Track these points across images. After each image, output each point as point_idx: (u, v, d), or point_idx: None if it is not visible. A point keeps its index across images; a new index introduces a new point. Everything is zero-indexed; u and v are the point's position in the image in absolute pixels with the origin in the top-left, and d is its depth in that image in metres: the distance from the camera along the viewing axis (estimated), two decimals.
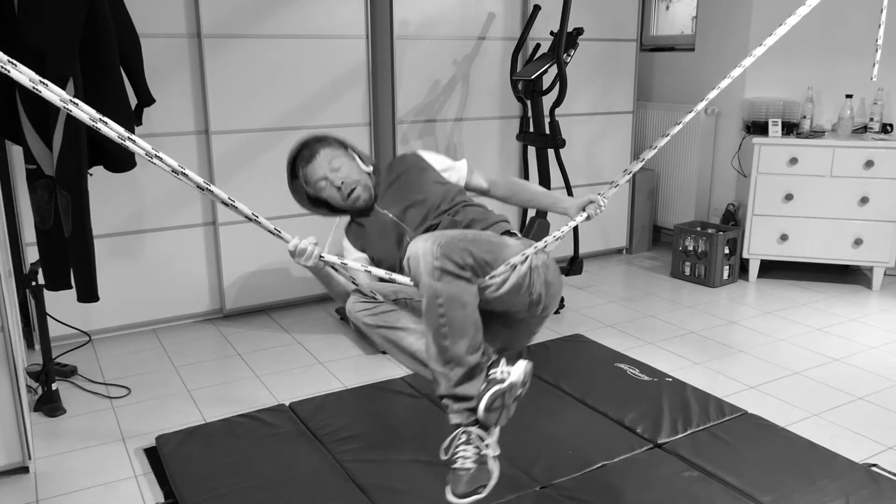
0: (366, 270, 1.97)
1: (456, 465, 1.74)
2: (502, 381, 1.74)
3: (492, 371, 1.80)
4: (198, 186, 1.68)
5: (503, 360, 1.82)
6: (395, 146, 3.95)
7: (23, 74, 1.48)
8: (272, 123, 3.68)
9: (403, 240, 2.14)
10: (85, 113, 1.54)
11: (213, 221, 3.65)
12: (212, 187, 1.70)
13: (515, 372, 1.78)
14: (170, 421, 2.71)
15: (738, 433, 2.52)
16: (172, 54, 3.40)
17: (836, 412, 2.78)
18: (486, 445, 1.76)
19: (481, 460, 1.75)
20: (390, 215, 2.22)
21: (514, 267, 1.84)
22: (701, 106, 2.24)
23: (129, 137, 1.58)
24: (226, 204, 1.74)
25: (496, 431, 1.80)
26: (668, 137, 2.31)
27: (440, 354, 1.78)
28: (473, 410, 1.76)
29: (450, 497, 1.72)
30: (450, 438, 1.79)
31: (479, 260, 1.78)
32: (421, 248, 1.73)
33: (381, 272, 1.95)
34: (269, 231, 1.81)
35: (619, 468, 2.33)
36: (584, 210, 2.15)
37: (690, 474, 2.28)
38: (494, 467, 1.77)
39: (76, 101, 1.53)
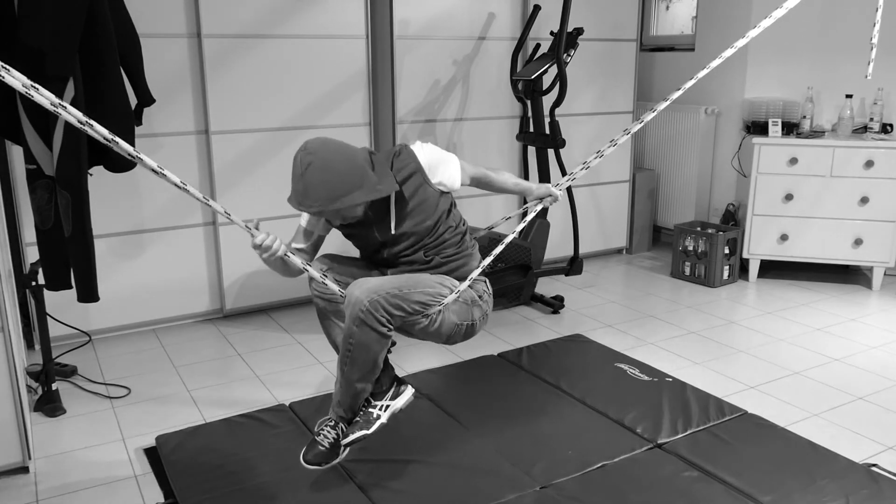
0: (322, 274, 2.14)
1: (317, 438, 2.12)
2: (372, 422, 2.13)
3: (374, 402, 2.17)
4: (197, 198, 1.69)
5: (390, 392, 2.20)
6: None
7: (16, 80, 1.49)
8: (272, 123, 3.68)
9: (381, 251, 2.22)
10: (73, 116, 1.58)
11: (213, 221, 3.65)
12: (210, 202, 1.71)
13: (392, 408, 2.19)
14: (170, 421, 2.71)
15: (738, 433, 2.52)
16: (172, 54, 3.40)
17: (836, 412, 2.78)
18: (346, 438, 2.12)
19: (335, 445, 2.11)
20: (376, 234, 2.18)
21: (439, 311, 2.11)
22: (672, 98, 2.44)
23: (132, 153, 1.59)
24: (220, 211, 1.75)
25: (357, 434, 2.13)
26: (628, 135, 2.49)
27: (338, 368, 2.11)
28: (346, 421, 2.15)
29: (300, 459, 2.09)
30: (326, 418, 2.17)
31: (410, 308, 2.04)
32: (355, 296, 1.99)
33: (329, 282, 2.13)
34: (242, 226, 1.97)
35: (619, 468, 2.33)
36: (541, 200, 2.43)
37: (690, 474, 2.28)
38: (343, 454, 2.14)
39: (65, 104, 1.57)
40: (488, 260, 2.24)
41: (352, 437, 2.11)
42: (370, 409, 2.16)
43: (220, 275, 3.72)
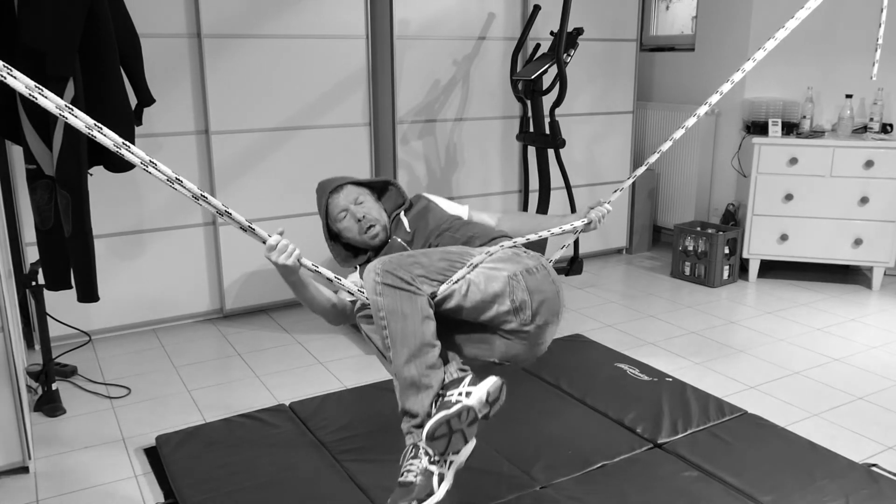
0: (336, 279, 1.92)
1: (401, 479, 1.71)
2: (452, 405, 1.68)
3: (449, 392, 1.75)
4: (192, 196, 1.69)
5: (467, 379, 1.78)
6: (395, 146, 3.95)
7: (19, 81, 1.48)
8: (272, 123, 3.68)
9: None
10: (81, 121, 1.55)
11: (214, 221, 3.65)
12: (207, 196, 1.71)
13: (476, 394, 1.72)
14: (170, 421, 2.71)
15: (738, 433, 2.52)
16: (172, 54, 3.40)
17: (836, 412, 2.78)
18: (432, 462, 1.69)
19: (427, 474, 1.68)
20: (399, 239, 2.35)
21: (472, 267, 1.88)
22: (703, 111, 2.29)
23: (123, 144, 1.59)
24: (220, 213, 1.74)
25: (453, 458, 1.72)
26: (671, 142, 2.37)
27: (388, 367, 1.82)
28: (421, 427, 1.73)
29: None
30: (403, 452, 1.78)
31: (432, 270, 1.83)
32: (369, 268, 1.81)
33: (350, 285, 1.94)
34: (261, 238, 1.84)
35: (619, 468, 2.33)
36: (586, 217, 2.32)
37: (690, 474, 2.28)
38: (437, 487, 1.68)
39: (71, 107, 1.54)
40: (521, 240, 2.10)
41: (431, 422, 1.65)
42: (445, 398, 1.74)
43: (220, 275, 3.72)
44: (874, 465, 2.37)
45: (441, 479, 1.69)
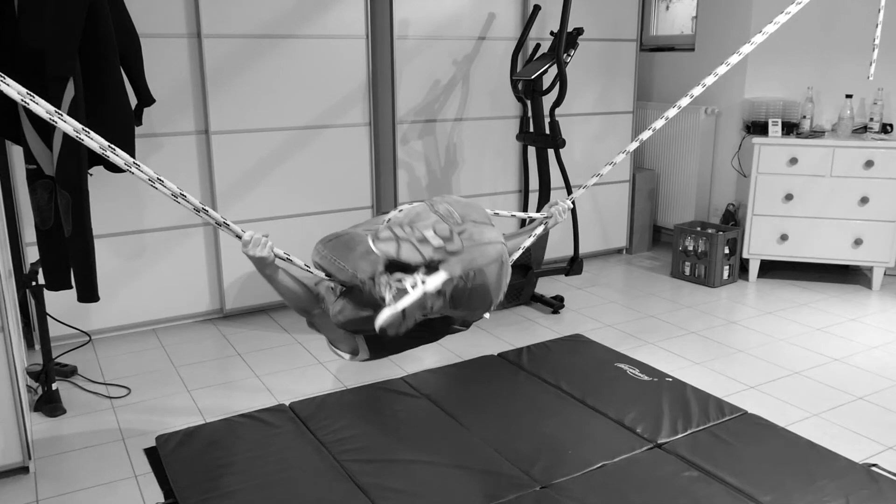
0: (306, 266, 2.00)
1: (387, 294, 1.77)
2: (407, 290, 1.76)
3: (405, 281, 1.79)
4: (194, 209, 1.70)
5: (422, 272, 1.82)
6: (395, 146, 3.95)
7: (11, 88, 1.49)
8: (272, 123, 3.67)
9: None
10: (69, 125, 1.56)
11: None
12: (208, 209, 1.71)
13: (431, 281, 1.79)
14: (170, 421, 2.71)
15: (738, 433, 2.52)
16: (172, 54, 3.40)
17: (836, 412, 2.78)
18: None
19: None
20: None
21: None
22: (685, 101, 2.27)
23: (109, 147, 1.59)
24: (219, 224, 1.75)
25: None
26: (638, 143, 2.38)
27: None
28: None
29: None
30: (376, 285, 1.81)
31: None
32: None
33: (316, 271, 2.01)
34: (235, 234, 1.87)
35: (619, 468, 2.33)
36: (546, 213, 2.26)
37: (690, 474, 2.28)
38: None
39: (61, 112, 1.56)
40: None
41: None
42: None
43: (220, 275, 3.72)
44: (874, 465, 2.37)
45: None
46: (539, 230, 2.27)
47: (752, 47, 2.24)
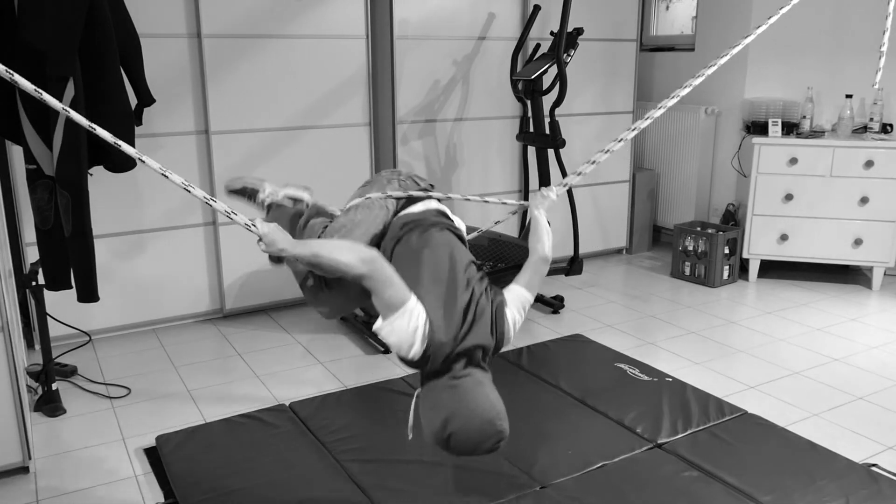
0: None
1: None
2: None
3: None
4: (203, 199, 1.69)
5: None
6: (395, 146, 3.95)
7: (24, 81, 1.50)
8: (272, 123, 3.68)
9: None
10: (82, 118, 1.57)
11: (214, 221, 3.65)
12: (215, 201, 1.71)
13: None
14: (170, 421, 2.71)
15: (738, 433, 2.53)
16: (172, 54, 3.40)
17: (836, 412, 2.78)
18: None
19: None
20: None
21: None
22: (670, 103, 2.28)
23: (140, 158, 1.60)
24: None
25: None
26: (635, 131, 2.37)
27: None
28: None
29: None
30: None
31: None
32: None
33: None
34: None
35: (619, 468, 2.33)
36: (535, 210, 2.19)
37: (690, 474, 2.28)
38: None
39: (68, 110, 1.56)
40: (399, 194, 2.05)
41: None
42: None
43: (220, 275, 3.72)
44: (874, 465, 2.37)
45: None
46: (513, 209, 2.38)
47: (727, 59, 2.24)
